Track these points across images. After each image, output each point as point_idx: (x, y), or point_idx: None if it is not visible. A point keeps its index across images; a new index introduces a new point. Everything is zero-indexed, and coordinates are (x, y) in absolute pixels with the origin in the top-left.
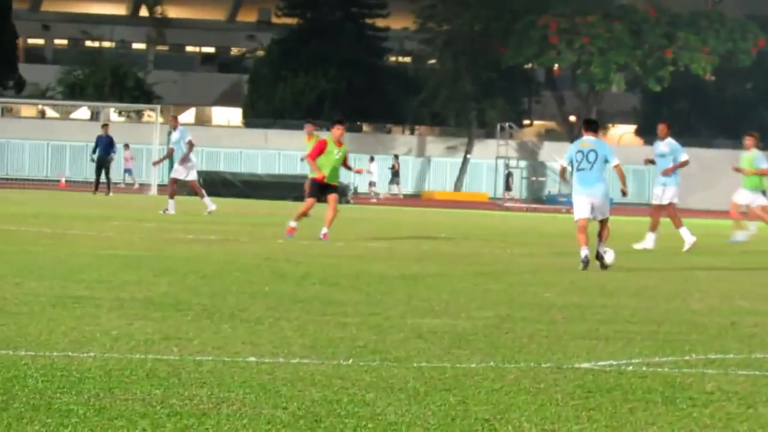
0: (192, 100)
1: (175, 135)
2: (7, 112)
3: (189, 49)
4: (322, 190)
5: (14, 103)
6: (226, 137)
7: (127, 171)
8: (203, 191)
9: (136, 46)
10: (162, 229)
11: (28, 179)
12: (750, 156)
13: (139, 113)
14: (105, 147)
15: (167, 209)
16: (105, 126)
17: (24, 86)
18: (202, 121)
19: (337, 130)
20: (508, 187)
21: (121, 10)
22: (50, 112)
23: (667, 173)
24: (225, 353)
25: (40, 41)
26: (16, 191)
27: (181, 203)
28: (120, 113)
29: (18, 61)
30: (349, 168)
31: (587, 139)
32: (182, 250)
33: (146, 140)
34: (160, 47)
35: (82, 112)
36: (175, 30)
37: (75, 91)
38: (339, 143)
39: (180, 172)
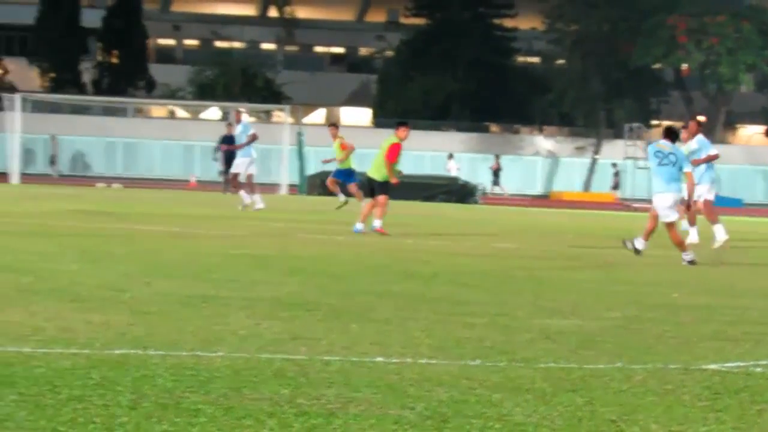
0: (321, 101)
1: (238, 128)
2: (138, 112)
3: (318, 49)
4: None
5: (145, 104)
6: (355, 137)
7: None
8: (255, 188)
9: (265, 46)
10: (291, 228)
11: (158, 179)
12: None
13: (269, 113)
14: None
15: (246, 205)
16: (230, 125)
17: (154, 86)
18: (330, 120)
19: (403, 131)
20: (615, 186)
21: (250, 11)
22: (180, 113)
23: (696, 164)
24: (353, 353)
25: (171, 42)
26: (147, 191)
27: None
28: (249, 113)
29: (148, 62)
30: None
31: (664, 143)
32: (311, 250)
33: (276, 140)
34: (289, 47)
35: (213, 112)
36: (304, 30)
37: (205, 92)
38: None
39: (240, 167)
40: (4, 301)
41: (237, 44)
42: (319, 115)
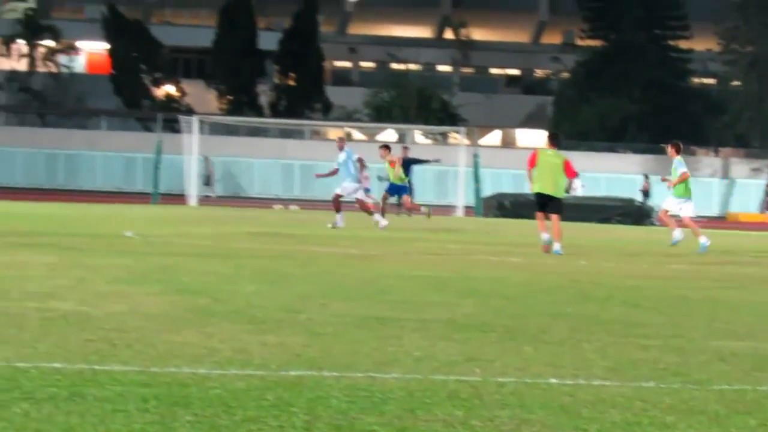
0: (497, 122)
1: (341, 156)
2: (315, 134)
3: (493, 71)
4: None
5: (321, 126)
6: None
7: (366, 190)
8: (377, 208)
9: (441, 68)
10: (466, 251)
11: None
12: (673, 166)
13: (444, 135)
14: (407, 169)
15: (336, 223)
16: (405, 148)
17: (331, 108)
18: (507, 143)
19: (550, 145)
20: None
21: (426, 33)
22: (357, 134)
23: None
24: (527, 374)
25: (347, 64)
26: (325, 213)
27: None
28: (425, 135)
29: (325, 84)
30: None
31: None
32: (486, 272)
33: (451, 162)
34: (465, 69)
35: (389, 134)
36: (479, 52)
37: (381, 114)
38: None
39: (347, 189)
40: (181, 323)
41: (413, 66)
42: (494, 137)
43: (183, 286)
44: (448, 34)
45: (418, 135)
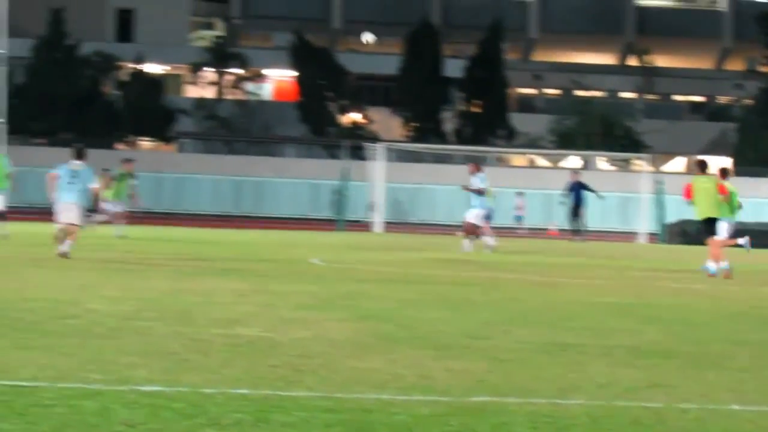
0: (680, 149)
1: (474, 180)
2: (499, 161)
3: (677, 97)
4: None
5: (505, 153)
6: None
7: (517, 218)
8: (482, 231)
9: (624, 95)
10: (649, 277)
11: (518, 228)
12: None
13: (628, 162)
14: (574, 195)
15: (464, 248)
16: (575, 173)
17: (515, 135)
18: (691, 169)
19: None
20: None
21: (610, 60)
22: (541, 161)
23: None
24: (709, 401)
25: (532, 91)
26: (506, 240)
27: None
28: (609, 162)
29: (509, 111)
30: None
31: None
32: (669, 299)
33: (634, 189)
34: (648, 96)
35: (573, 161)
36: (663, 79)
37: (565, 140)
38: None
39: (472, 216)
40: (365, 349)
41: (597, 93)
42: (678, 164)
43: (367, 312)
44: (632, 61)
45: (602, 161)
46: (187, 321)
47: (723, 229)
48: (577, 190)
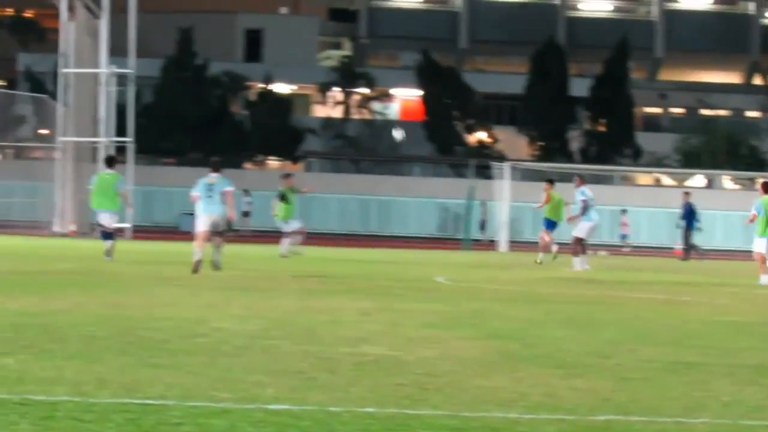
0: None
1: (577, 194)
2: (624, 180)
3: None
4: None
5: (631, 172)
6: None
7: (622, 236)
8: (580, 250)
9: (750, 113)
10: None
11: (645, 246)
12: None
13: (753, 181)
14: (685, 215)
15: (573, 267)
16: (687, 194)
17: (641, 154)
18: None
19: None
20: None
21: (735, 79)
22: (666, 180)
23: None
24: None
25: (657, 110)
26: (633, 258)
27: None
28: (734, 181)
29: (635, 130)
30: None
31: None
32: None
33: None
34: None
35: (698, 180)
36: None
37: (690, 159)
38: None
39: (581, 231)
40: (491, 367)
41: (722, 112)
42: None
43: (493, 331)
44: (757, 80)
45: (727, 180)
46: (313, 339)
47: None
48: (688, 211)
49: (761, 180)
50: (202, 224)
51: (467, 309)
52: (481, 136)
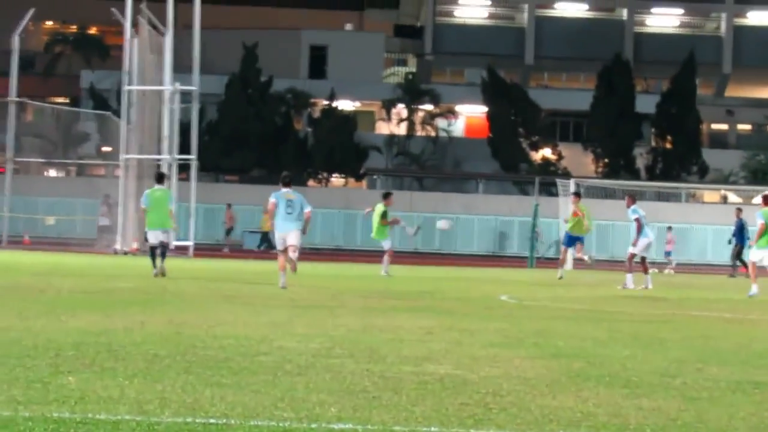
0: None
1: (629, 214)
2: (691, 197)
3: None
4: None
5: (697, 188)
6: None
7: (667, 253)
8: (635, 268)
9: None
10: None
11: (710, 264)
12: None
13: None
14: (736, 232)
15: (625, 284)
16: (739, 210)
17: (707, 171)
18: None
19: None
20: None
21: None
22: (732, 197)
23: None
24: None
25: (724, 126)
26: (699, 276)
27: None
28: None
29: (702, 146)
30: None
31: None
32: None
33: None
34: None
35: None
36: None
37: (757, 176)
38: None
39: (637, 248)
40: (556, 387)
41: None
42: None
43: (558, 350)
44: None
45: None
46: (376, 358)
47: None
48: (739, 227)
49: (764, 194)
50: (280, 243)
51: (532, 328)
52: (546, 153)
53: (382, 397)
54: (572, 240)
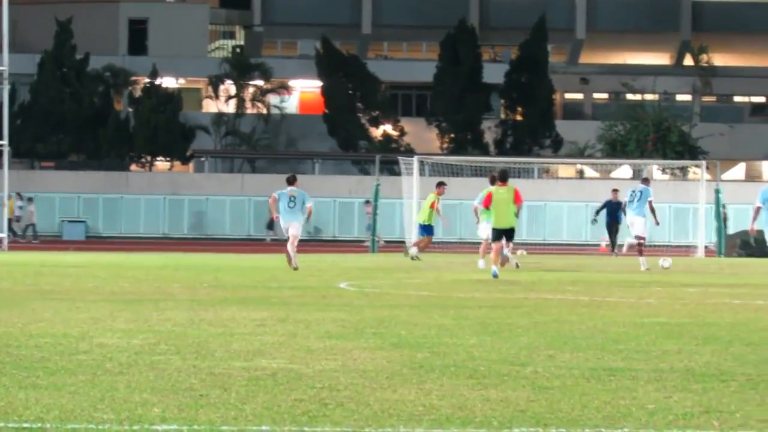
0: (741, 155)
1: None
2: (545, 172)
3: (737, 99)
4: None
5: (551, 163)
6: None
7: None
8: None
9: (680, 97)
10: (706, 294)
11: (565, 244)
12: None
13: (684, 170)
14: (611, 212)
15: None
16: (615, 191)
17: (561, 144)
18: (752, 176)
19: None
20: None
21: (663, 60)
22: (589, 171)
23: None
24: None
25: (579, 96)
26: (553, 257)
27: (725, 264)
28: (663, 170)
29: (555, 118)
30: None
31: None
32: (727, 316)
33: (692, 199)
34: (706, 98)
35: (624, 170)
36: (722, 79)
37: (615, 148)
38: None
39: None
40: (397, 379)
41: (649, 96)
42: (739, 171)
43: (400, 339)
44: (688, 61)
45: (656, 170)
46: (204, 354)
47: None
48: (614, 210)
49: None
50: (285, 231)
51: (372, 317)
52: (387, 129)
53: (210, 395)
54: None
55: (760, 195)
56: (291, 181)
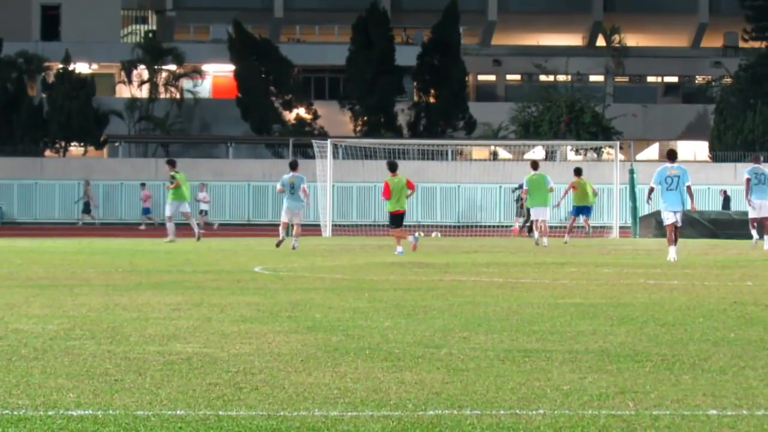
0: (654, 135)
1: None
2: (458, 154)
3: (650, 79)
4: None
5: (465, 145)
6: (693, 173)
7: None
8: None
9: (593, 78)
10: (621, 275)
11: (480, 225)
12: None
13: (598, 151)
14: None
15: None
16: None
17: (475, 126)
18: (665, 156)
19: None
20: None
21: (576, 41)
22: (503, 153)
23: None
24: (684, 406)
25: (491, 77)
26: (469, 239)
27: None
28: (577, 151)
29: (468, 100)
30: None
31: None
32: (642, 297)
33: (606, 179)
34: (619, 79)
35: (538, 152)
36: (634, 59)
37: (529, 129)
38: None
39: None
40: (312, 362)
41: (562, 77)
42: (652, 151)
43: (314, 323)
44: (600, 41)
45: (570, 151)
46: (119, 339)
47: None
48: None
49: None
50: (285, 216)
51: (286, 300)
52: (301, 112)
53: (125, 379)
54: (579, 210)
55: (655, 176)
56: (293, 167)
